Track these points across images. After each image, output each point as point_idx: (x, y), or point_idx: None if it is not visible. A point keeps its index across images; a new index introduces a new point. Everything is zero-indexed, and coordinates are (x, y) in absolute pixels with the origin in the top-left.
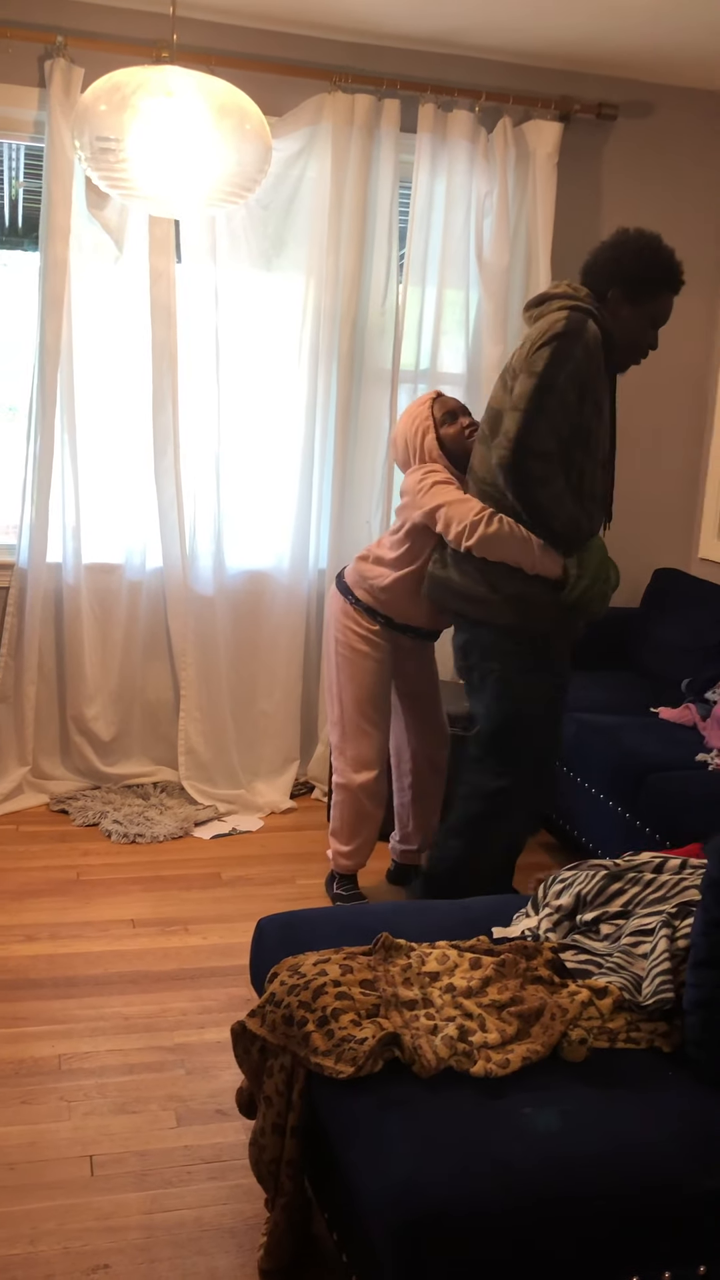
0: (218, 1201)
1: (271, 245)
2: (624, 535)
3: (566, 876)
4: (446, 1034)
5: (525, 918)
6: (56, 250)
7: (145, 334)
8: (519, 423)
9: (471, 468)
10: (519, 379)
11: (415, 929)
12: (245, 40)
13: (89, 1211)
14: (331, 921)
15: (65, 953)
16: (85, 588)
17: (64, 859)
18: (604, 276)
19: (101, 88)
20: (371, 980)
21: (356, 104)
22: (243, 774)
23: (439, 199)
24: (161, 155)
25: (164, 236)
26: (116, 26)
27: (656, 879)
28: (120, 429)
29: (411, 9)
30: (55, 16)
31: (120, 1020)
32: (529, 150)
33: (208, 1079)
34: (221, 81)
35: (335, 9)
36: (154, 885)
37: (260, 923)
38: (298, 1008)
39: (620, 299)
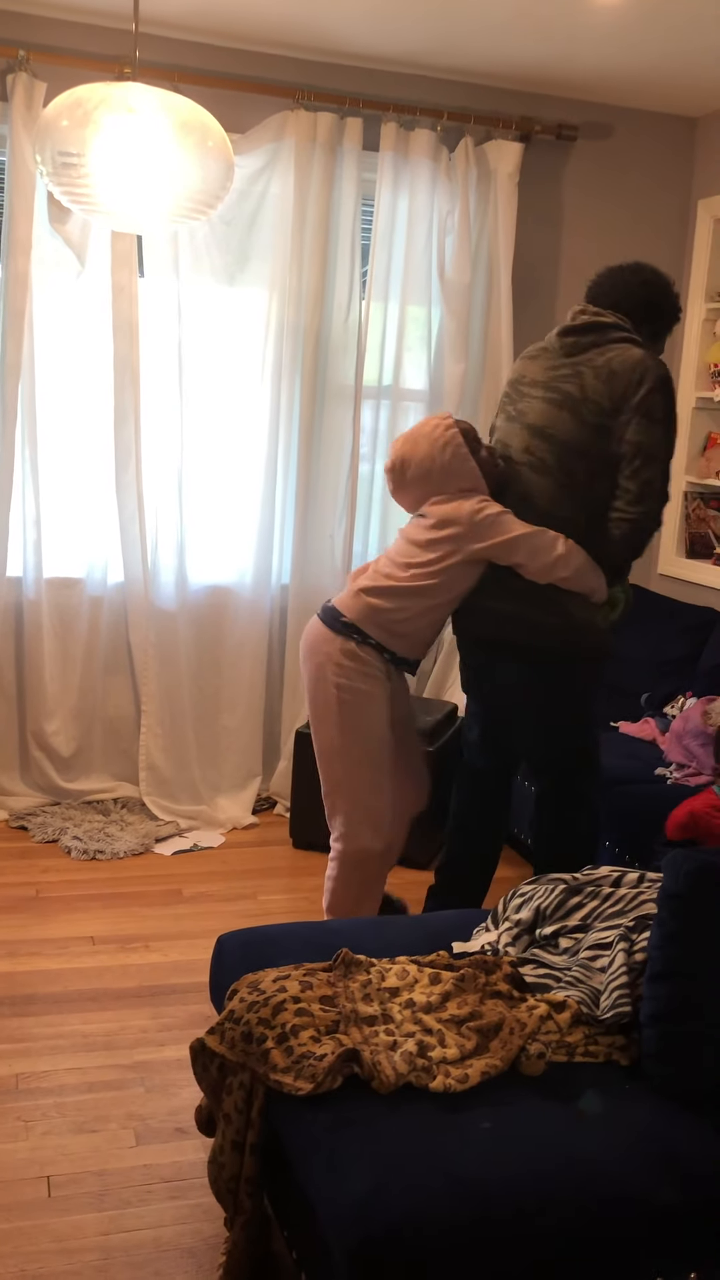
0: (177, 1221)
1: (234, 261)
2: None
3: (525, 891)
4: (406, 1049)
5: (485, 932)
6: (18, 264)
7: (107, 348)
8: (661, 472)
9: (529, 496)
10: (639, 425)
11: (375, 945)
12: (208, 57)
13: (45, 1233)
14: (292, 938)
15: (23, 970)
16: (46, 602)
17: (23, 876)
18: (638, 311)
19: (63, 103)
20: (331, 996)
21: (319, 122)
22: (204, 789)
23: (401, 217)
24: (124, 171)
25: (126, 251)
26: (79, 42)
27: (615, 893)
28: (82, 443)
29: (374, 29)
30: (18, 31)
31: (79, 1038)
32: (490, 169)
33: (167, 1097)
34: (183, 98)
35: (298, 28)
36: (114, 902)
37: (220, 939)
38: (257, 1024)
39: (647, 335)
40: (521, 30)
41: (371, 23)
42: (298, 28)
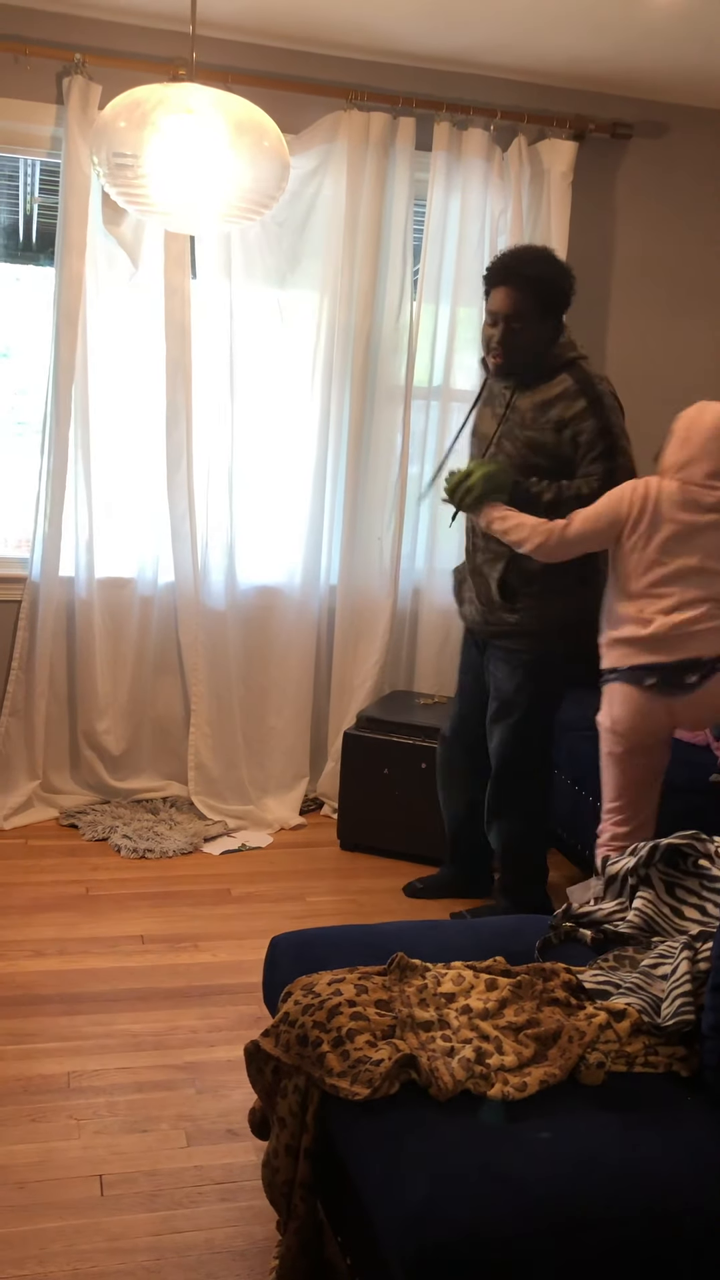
0: (228, 1223)
1: (286, 262)
2: None
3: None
4: (463, 1056)
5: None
6: (72, 266)
7: (160, 349)
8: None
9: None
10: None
11: (429, 949)
12: (262, 58)
13: (98, 1232)
14: (345, 940)
15: (74, 969)
16: (97, 602)
17: (73, 874)
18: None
19: (121, 104)
20: (387, 1001)
21: (372, 122)
22: (252, 790)
23: (453, 217)
24: (180, 171)
25: (179, 252)
26: (134, 44)
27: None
28: (134, 444)
29: (429, 28)
30: (73, 35)
31: (129, 1038)
32: (543, 169)
33: (218, 1098)
34: (240, 99)
35: (352, 28)
36: (163, 901)
37: (274, 940)
38: (312, 1028)
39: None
40: (576, 28)
41: (425, 22)
42: (351, 28)
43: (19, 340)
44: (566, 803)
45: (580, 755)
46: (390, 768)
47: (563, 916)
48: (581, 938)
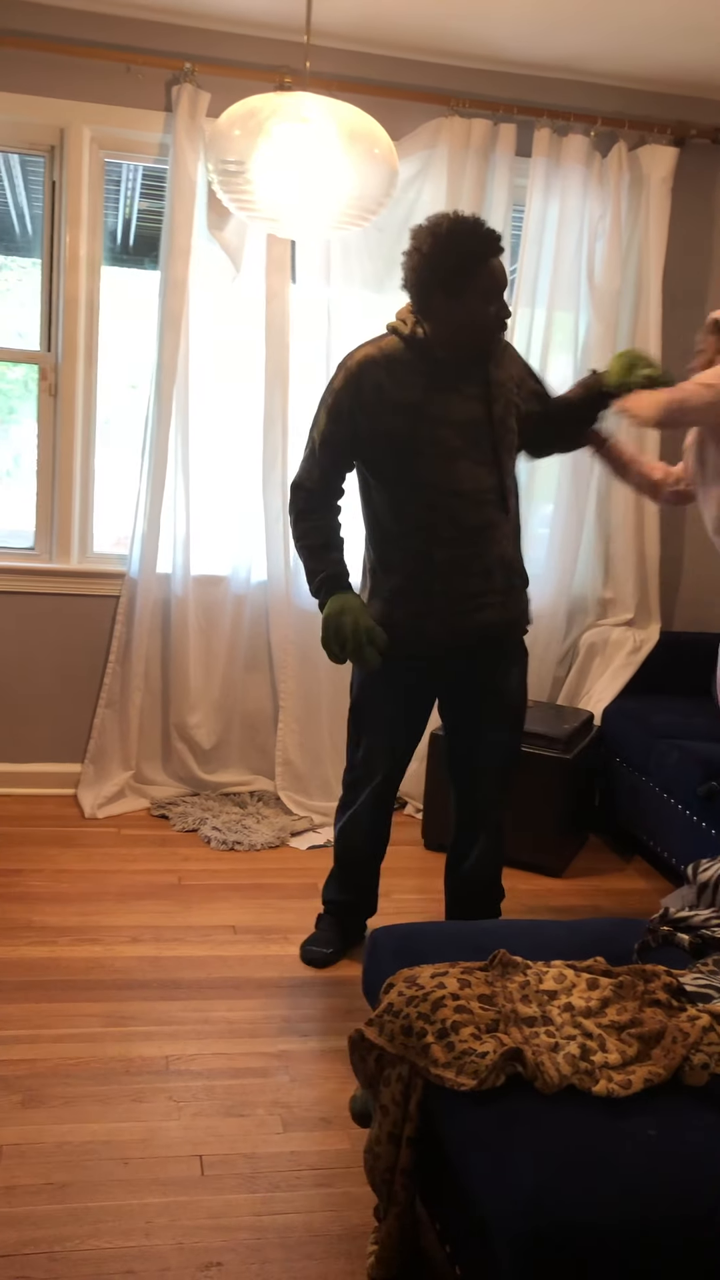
0: (325, 1208)
1: (384, 267)
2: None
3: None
4: (568, 1052)
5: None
6: (176, 270)
7: (259, 352)
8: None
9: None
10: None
11: (528, 948)
12: (366, 66)
13: (200, 1209)
14: (444, 936)
15: (169, 955)
16: (192, 599)
17: (165, 863)
18: (412, 285)
19: (237, 113)
20: (489, 995)
21: (473, 128)
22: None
23: (551, 222)
24: (293, 179)
25: (281, 257)
26: (242, 53)
27: None
28: (231, 445)
29: (530, 36)
30: (184, 44)
31: (224, 1024)
32: (643, 175)
33: (311, 1087)
34: (352, 107)
35: (455, 35)
36: (253, 893)
37: (374, 934)
38: (417, 1019)
39: (435, 298)
40: (677, 32)
41: (528, 29)
42: (454, 35)
43: (117, 342)
44: (655, 811)
45: (668, 763)
46: None
47: (660, 921)
48: (679, 942)
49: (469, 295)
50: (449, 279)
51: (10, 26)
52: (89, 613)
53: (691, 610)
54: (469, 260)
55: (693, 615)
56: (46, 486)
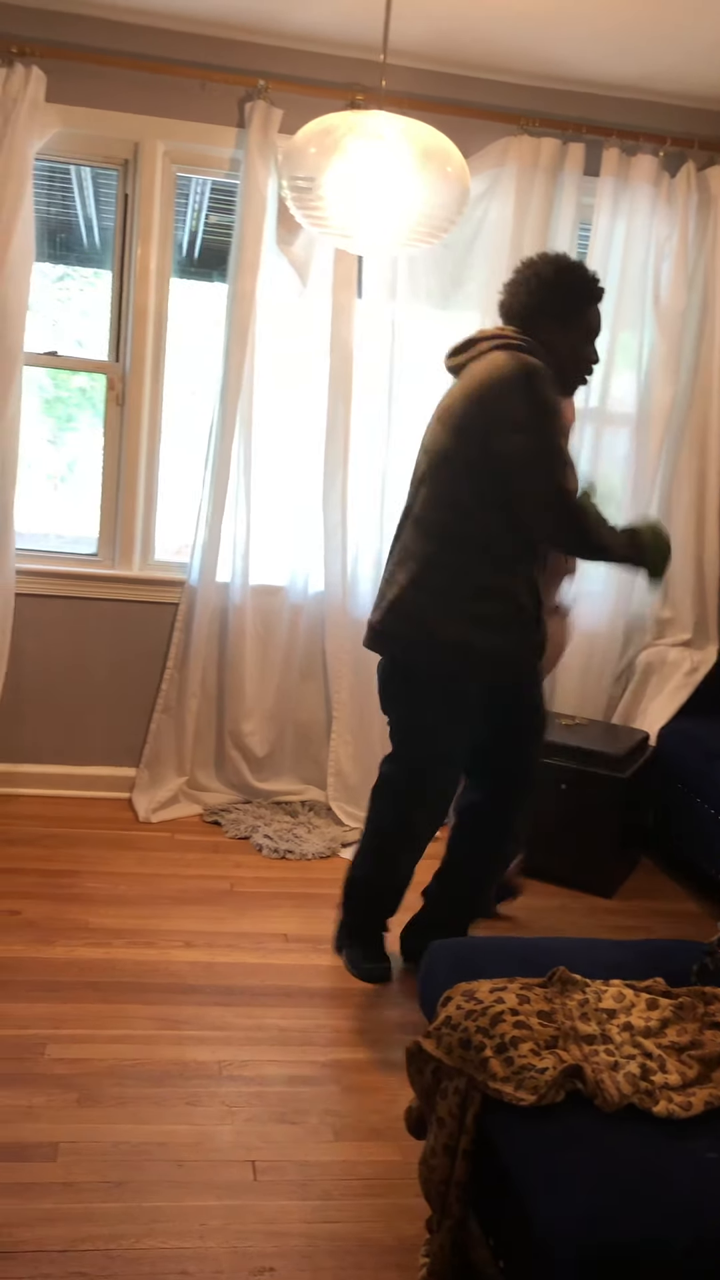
0: (377, 1218)
1: (449, 283)
2: None
3: None
4: (628, 1071)
5: None
6: (245, 283)
7: (323, 365)
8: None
9: (409, 507)
10: (498, 435)
11: (587, 966)
12: (436, 84)
13: (253, 1214)
14: (501, 951)
15: (222, 961)
16: (250, 608)
17: (217, 869)
18: (533, 307)
19: (313, 130)
20: (548, 1012)
21: (542, 147)
22: None
23: (618, 241)
24: (367, 197)
25: (347, 272)
26: (315, 71)
27: None
28: (292, 456)
29: (602, 55)
30: (258, 61)
31: (277, 1031)
32: (711, 195)
33: (363, 1097)
34: (427, 126)
35: (526, 55)
36: (305, 902)
37: (432, 947)
38: (475, 1032)
39: (557, 325)
40: None
41: (599, 49)
42: (525, 55)
43: (181, 352)
44: (710, 833)
45: None
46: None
47: (718, 944)
48: None
49: (578, 329)
50: (566, 308)
51: (88, 43)
52: (148, 619)
53: None
54: (587, 294)
55: None
56: (111, 494)
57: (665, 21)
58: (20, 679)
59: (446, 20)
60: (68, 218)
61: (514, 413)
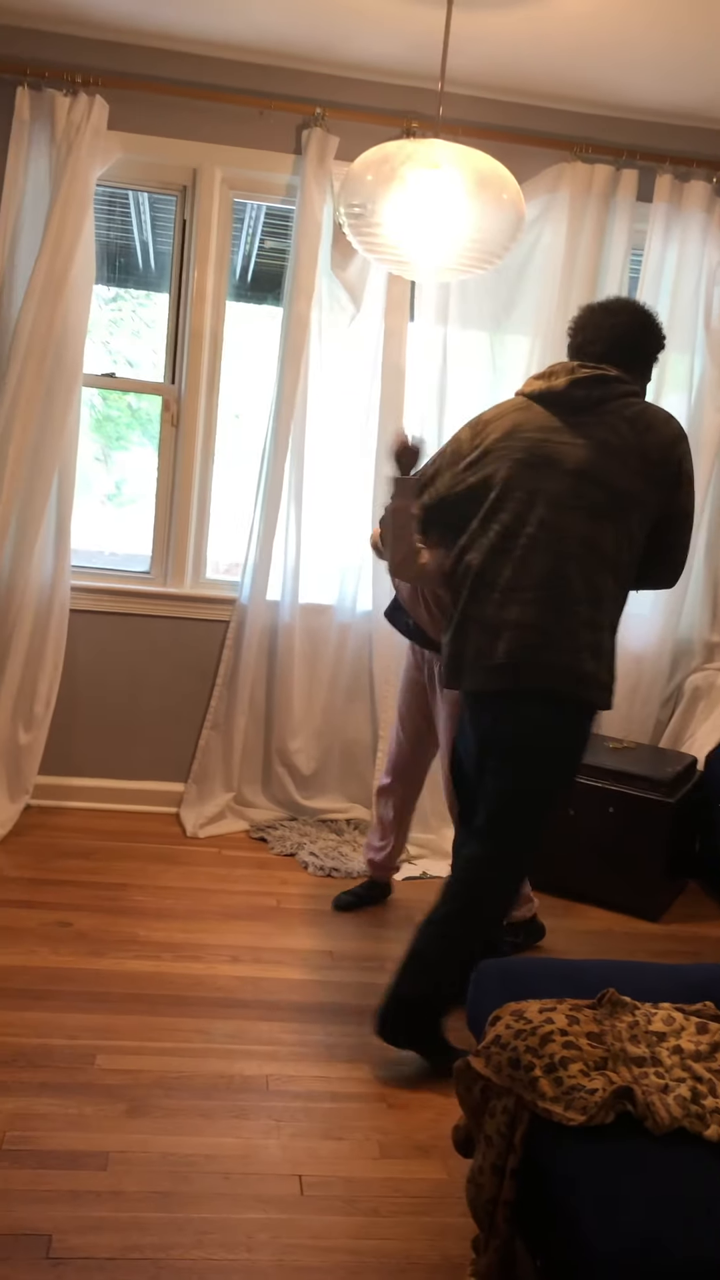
0: (423, 1236)
1: (501, 308)
2: None
3: None
4: (679, 1094)
5: None
6: (299, 307)
7: (375, 389)
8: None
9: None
10: (685, 490)
11: (635, 989)
12: (491, 112)
13: (300, 1229)
14: (550, 973)
15: (269, 977)
16: (299, 626)
17: (264, 885)
18: (626, 354)
19: (371, 158)
20: (598, 1033)
21: (595, 173)
22: (434, 819)
23: (669, 266)
24: (423, 223)
25: (400, 296)
26: (371, 99)
27: None
28: (344, 478)
29: (655, 82)
30: (314, 89)
31: (323, 1048)
32: None
33: (409, 1115)
34: (482, 153)
35: (579, 82)
36: (350, 920)
37: (481, 966)
38: (525, 1052)
39: (640, 375)
40: None
41: (652, 76)
42: (579, 82)
43: (233, 374)
44: None
45: None
46: (576, 809)
47: None
48: None
49: (648, 378)
50: (651, 357)
51: (149, 72)
52: (199, 636)
53: None
54: (661, 344)
55: None
56: (165, 513)
57: (712, 49)
58: (73, 694)
59: (502, 49)
60: (126, 241)
61: (691, 471)
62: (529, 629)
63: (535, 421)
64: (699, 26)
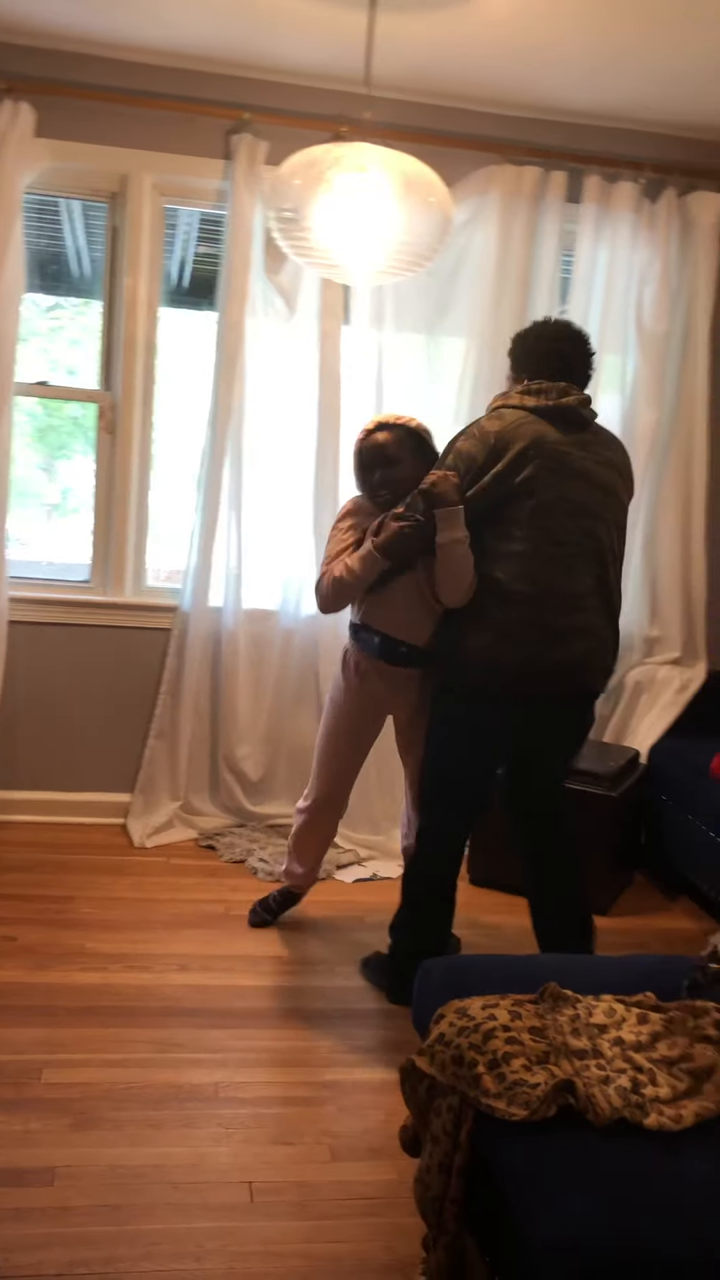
0: (374, 1238)
1: (435, 310)
2: None
3: None
4: (619, 1085)
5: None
6: (233, 312)
7: (312, 392)
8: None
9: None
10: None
11: (578, 982)
12: (420, 115)
13: (251, 1235)
14: (494, 969)
15: (218, 984)
16: (242, 632)
17: (213, 893)
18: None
19: (297, 162)
20: (540, 1028)
21: (524, 176)
22: (384, 821)
23: (600, 267)
24: (349, 227)
25: (334, 300)
26: (299, 103)
27: None
28: (283, 482)
29: (579, 84)
30: (243, 94)
31: (273, 1054)
32: (692, 220)
33: (360, 1117)
34: (409, 157)
35: (508, 85)
36: (299, 925)
37: (424, 965)
38: (468, 1049)
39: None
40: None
41: (576, 78)
42: (506, 86)
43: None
44: (702, 850)
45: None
46: None
47: (708, 958)
48: None
49: None
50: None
51: (77, 79)
52: (141, 645)
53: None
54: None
55: None
56: (103, 521)
57: (643, 51)
58: (15, 706)
59: (428, 53)
60: (57, 249)
61: None
62: (592, 635)
63: (552, 435)
64: (621, 28)
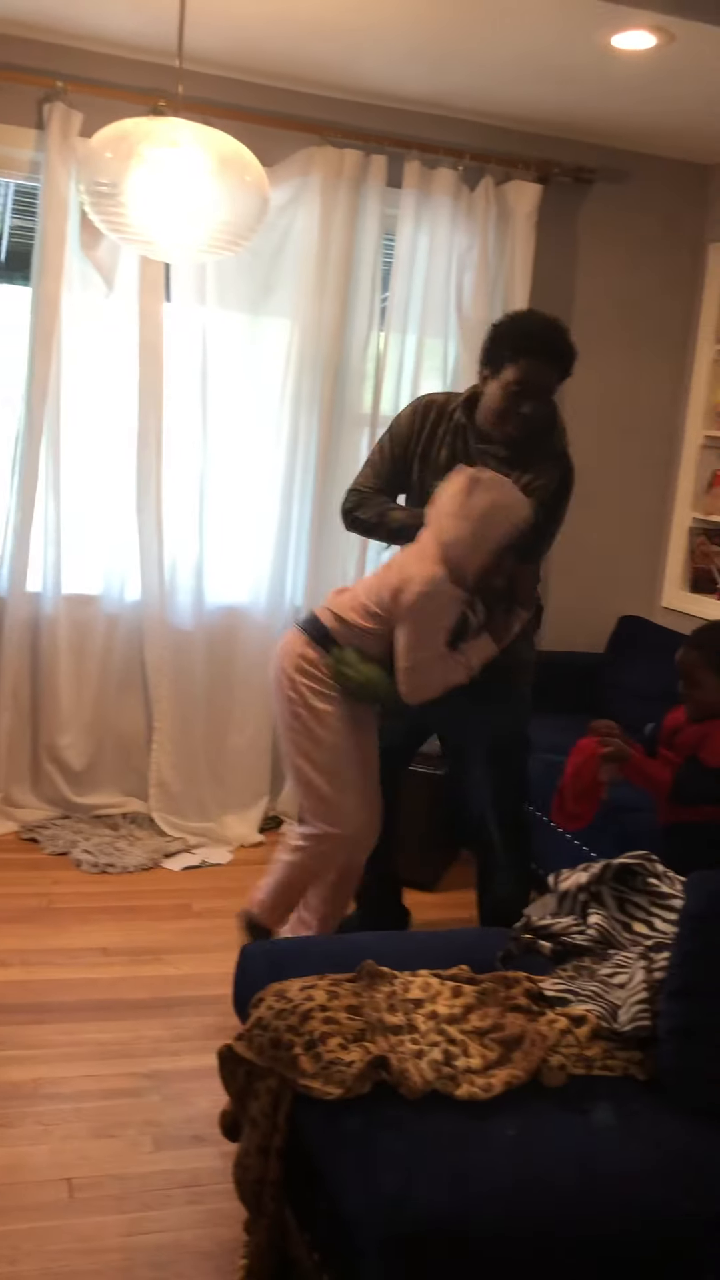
0: (195, 1225)
1: (259, 290)
2: (590, 581)
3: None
4: (431, 1058)
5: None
6: (48, 287)
7: (133, 371)
8: None
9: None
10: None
11: (396, 958)
12: (241, 93)
13: (68, 1233)
14: (314, 950)
15: (38, 979)
16: (63, 618)
17: (34, 887)
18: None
19: (108, 135)
20: (357, 1006)
21: (345, 158)
22: (213, 807)
23: (421, 252)
24: (163, 203)
25: (154, 278)
26: (115, 75)
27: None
28: (104, 463)
29: (404, 72)
30: (56, 62)
31: (95, 1046)
32: (509, 209)
33: (184, 1105)
34: (224, 134)
35: (330, 68)
36: (125, 915)
37: (244, 950)
38: (285, 1031)
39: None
40: (547, 77)
41: (402, 66)
42: (324, 66)
43: None
44: None
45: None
46: None
47: (522, 929)
48: (541, 950)
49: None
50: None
51: None
52: None
53: (559, 630)
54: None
55: (560, 635)
56: None
57: (461, 41)
58: None
59: (245, 29)
60: None
61: None
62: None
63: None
64: (439, 16)
